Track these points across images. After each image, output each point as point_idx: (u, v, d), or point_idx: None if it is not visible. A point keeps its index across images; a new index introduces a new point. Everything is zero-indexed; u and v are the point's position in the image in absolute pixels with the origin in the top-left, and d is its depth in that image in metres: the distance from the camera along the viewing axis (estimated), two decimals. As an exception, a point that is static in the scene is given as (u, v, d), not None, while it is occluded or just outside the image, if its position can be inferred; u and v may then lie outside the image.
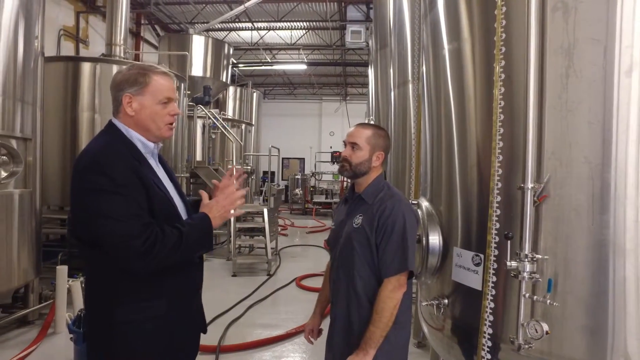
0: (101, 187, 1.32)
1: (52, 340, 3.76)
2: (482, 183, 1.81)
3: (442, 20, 2.11)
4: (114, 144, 1.42)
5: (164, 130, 1.49)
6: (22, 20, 3.75)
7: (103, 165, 1.34)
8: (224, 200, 1.51)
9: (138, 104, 1.44)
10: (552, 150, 1.49)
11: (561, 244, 1.49)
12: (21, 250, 3.82)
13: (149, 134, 1.47)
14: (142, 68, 1.47)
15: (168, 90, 1.47)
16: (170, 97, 1.47)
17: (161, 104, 1.45)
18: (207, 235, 1.46)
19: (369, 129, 1.74)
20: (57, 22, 8.49)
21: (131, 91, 1.43)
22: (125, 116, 1.46)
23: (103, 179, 1.32)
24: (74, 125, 5.44)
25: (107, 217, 1.31)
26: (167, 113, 1.47)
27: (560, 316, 1.50)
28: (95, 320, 1.44)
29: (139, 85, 1.43)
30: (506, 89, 1.61)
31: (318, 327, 1.96)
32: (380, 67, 5.52)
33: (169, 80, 1.49)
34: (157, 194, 1.40)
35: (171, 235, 1.35)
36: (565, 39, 1.44)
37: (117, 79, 1.47)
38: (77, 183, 1.38)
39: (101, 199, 1.32)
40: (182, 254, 1.40)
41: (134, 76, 1.44)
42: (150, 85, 1.44)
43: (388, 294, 1.57)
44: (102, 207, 1.32)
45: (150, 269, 1.36)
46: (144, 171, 1.40)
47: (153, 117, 1.45)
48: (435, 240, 1.99)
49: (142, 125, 1.46)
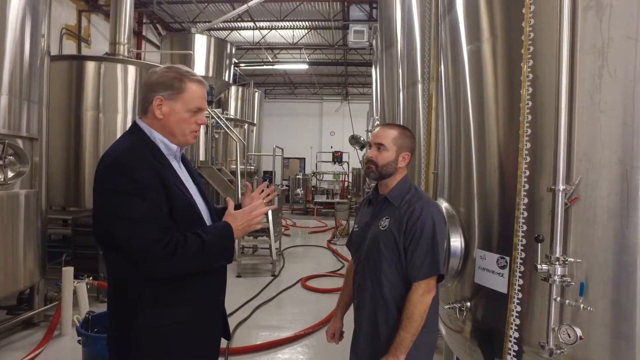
0: (122, 189, 1.29)
1: (58, 343, 3.72)
2: (504, 184, 1.79)
3: (461, 21, 2.08)
4: (137, 145, 1.39)
5: (189, 137, 1.46)
6: (29, 19, 3.70)
7: (125, 166, 1.31)
8: (250, 213, 1.47)
9: (168, 109, 1.41)
10: (583, 151, 1.46)
11: (592, 246, 1.47)
12: (27, 251, 3.78)
13: (173, 138, 1.45)
14: (179, 73, 1.43)
15: (200, 99, 1.45)
16: (201, 107, 1.45)
17: (191, 112, 1.43)
18: (228, 245, 1.43)
19: (395, 129, 1.72)
20: (59, 21, 8.43)
21: (164, 94, 1.40)
22: (152, 118, 1.42)
23: (124, 181, 1.29)
24: (77, 125, 5.39)
25: (127, 219, 1.28)
26: (195, 122, 1.45)
27: (588, 320, 1.48)
28: (117, 324, 1.41)
29: (173, 90, 1.40)
30: (534, 90, 1.59)
31: (340, 330, 1.93)
32: (385, 67, 5.49)
33: (203, 89, 1.46)
34: (178, 197, 1.37)
35: (193, 243, 1.32)
36: (599, 37, 1.41)
37: (152, 79, 1.43)
38: (98, 184, 1.36)
39: (122, 201, 1.29)
40: (203, 262, 1.37)
41: (170, 80, 1.41)
42: (185, 92, 1.41)
43: (418, 298, 1.54)
44: (122, 210, 1.29)
45: (170, 274, 1.34)
46: (165, 173, 1.38)
47: (180, 124, 1.42)
48: (457, 242, 1.96)
49: (168, 129, 1.43)
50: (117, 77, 5.48)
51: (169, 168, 1.41)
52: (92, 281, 4.12)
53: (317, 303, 5.05)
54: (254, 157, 12.19)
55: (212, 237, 1.37)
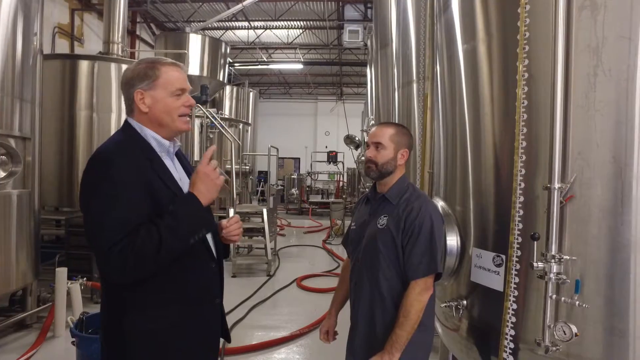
0: (98, 186, 1.26)
1: (51, 344, 3.68)
2: (500, 183, 1.80)
3: (456, 20, 2.09)
4: (125, 142, 1.36)
5: (179, 123, 1.41)
6: (21, 17, 3.66)
7: (104, 161, 1.28)
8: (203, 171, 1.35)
9: (151, 99, 1.37)
10: (578, 150, 1.48)
11: (587, 244, 1.48)
12: (20, 252, 3.73)
13: (165, 129, 1.41)
14: (151, 61, 1.40)
15: (180, 80, 1.40)
16: (183, 87, 1.40)
17: (174, 96, 1.39)
18: (198, 215, 1.32)
19: (391, 127, 1.72)
20: (51, 20, 8.35)
21: (142, 86, 1.37)
22: (139, 114, 1.39)
23: (99, 176, 1.26)
24: (71, 124, 5.33)
25: (95, 220, 1.25)
26: (182, 104, 1.40)
27: (583, 317, 1.49)
28: (108, 329, 1.38)
29: (149, 79, 1.37)
30: (529, 88, 1.60)
31: (334, 328, 1.93)
32: (380, 67, 5.51)
33: (179, 70, 1.42)
34: (165, 196, 1.32)
35: (146, 239, 1.22)
36: (594, 37, 1.43)
37: (126, 75, 1.41)
38: (82, 180, 1.32)
39: (95, 200, 1.26)
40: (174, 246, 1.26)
41: (143, 70, 1.38)
42: (160, 78, 1.37)
43: (416, 297, 1.55)
44: (93, 208, 1.26)
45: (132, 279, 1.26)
46: (156, 172, 1.34)
47: (167, 111, 1.38)
48: (453, 241, 1.97)
49: (157, 120, 1.39)
50: (111, 76, 5.43)
51: (160, 165, 1.37)
52: (86, 282, 4.08)
53: (313, 303, 5.04)
54: (249, 157, 12.14)
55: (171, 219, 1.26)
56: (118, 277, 1.26)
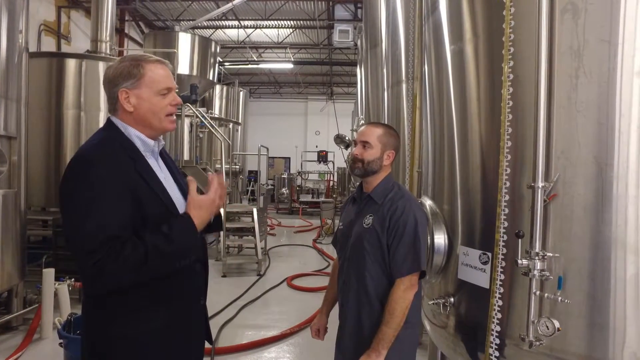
0: (75, 191, 1.21)
1: (38, 346, 3.63)
2: (486, 182, 1.83)
3: (444, 22, 2.12)
4: (107, 142, 1.31)
5: (165, 123, 1.37)
6: (5, 13, 3.61)
7: (84, 163, 1.24)
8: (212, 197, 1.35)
9: (136, 99, 1.31)
10: (561, 149, 1.51)
11: (569, 242, 1.52)
12: (5, 253, 3.68)
13: (150, 129, 1.37)
14: (134, 59, 1.35)
15: (165, 78, 1.35)
16: (169, 86, 1.36)
17: (160, 95, 1.34)
18: (189, 237, 1.29)
19: (380, 127, 1.75)
20: (37, 17, 8.22)
21: (126, 85, 1.32)
22: (123, 113, 1.34)
23: (80, 182, 1.21)
24: (58, 124, 5.26)
25: (73, 225, 1.21)
26: (168, 104, 1.36)
27: (565, 313, 1.53)
28: (90, 335, 1.33)
29: (134, 78, 1.32)
30: (514, 89, 1.63)
31: (325, 327, 1.95)
32: (370, 67, 5.54)
33: (165, 68, 1.38)
34: (148, 198, 1.28)
35: (132, 252, 1.18)
36: (575, 40, 1.46)
37: (109, 74, 1.35)
38: (60, 183, 1.28)
39: (72, 205, 1.21)
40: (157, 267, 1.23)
41: (127, 69, 1.32)
42: (145, 77, 1.32)
43: (400, 294, 1.57)
44: (71, 214, 1.22)
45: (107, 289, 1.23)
46: (138, 172, 1.29)
47: (154, 111, 1.34)
48: (441, 239, 2.00)
49: (143, 120, 1.35)
50: (99, 75, 5.37)
51: (144, 165, 1.33)
52: (74, 283, 4.03)
53: (303, 302, 5.06)
54: (239, 157, 12.11)
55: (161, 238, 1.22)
56: (89, 288, 1.23)
